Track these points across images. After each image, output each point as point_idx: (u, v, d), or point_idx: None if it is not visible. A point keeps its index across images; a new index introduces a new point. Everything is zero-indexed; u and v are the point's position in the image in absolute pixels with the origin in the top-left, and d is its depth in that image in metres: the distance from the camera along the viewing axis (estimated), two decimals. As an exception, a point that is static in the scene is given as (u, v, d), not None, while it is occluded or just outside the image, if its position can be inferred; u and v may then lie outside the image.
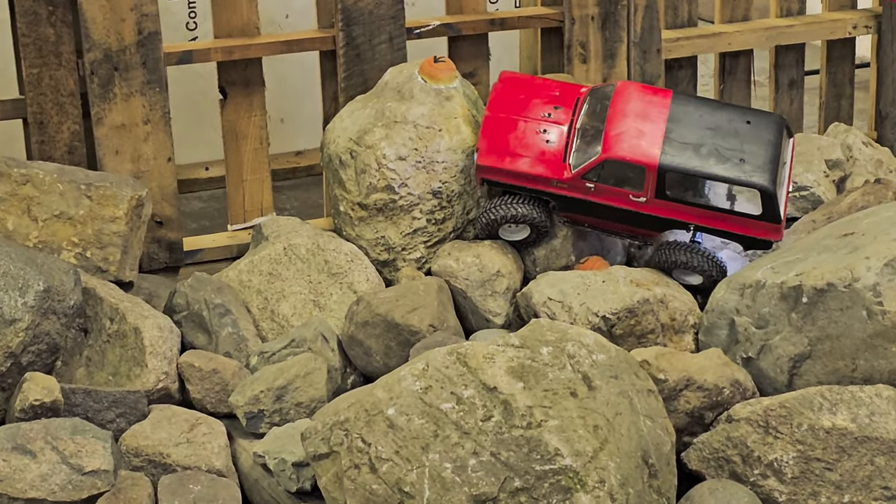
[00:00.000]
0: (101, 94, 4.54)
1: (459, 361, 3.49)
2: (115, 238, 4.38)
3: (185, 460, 3.79)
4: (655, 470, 3.50)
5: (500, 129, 4.40)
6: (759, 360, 4.02)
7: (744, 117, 4.42)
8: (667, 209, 4.29)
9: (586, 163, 4.27)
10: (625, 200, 4.30)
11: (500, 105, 4.45)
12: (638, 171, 4.24)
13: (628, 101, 4.39)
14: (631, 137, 4.26)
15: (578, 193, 4.32)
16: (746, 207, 4.30)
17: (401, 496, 3.36)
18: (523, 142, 4.37)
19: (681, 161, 4.24)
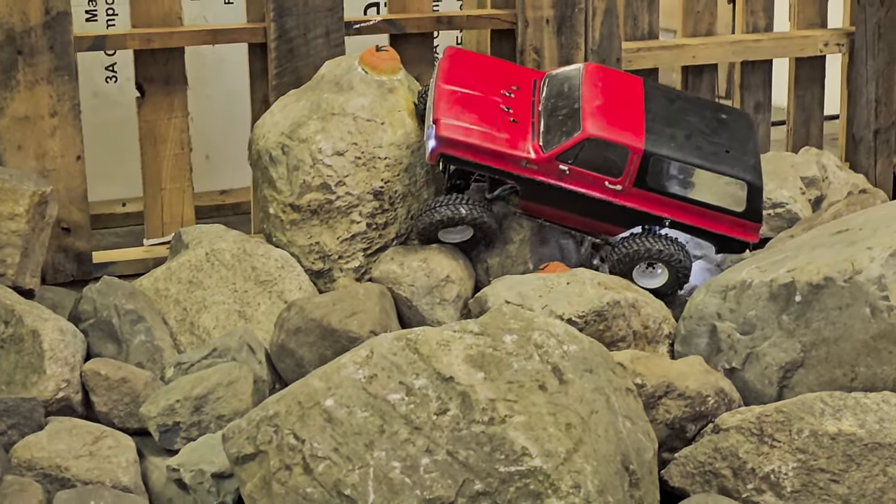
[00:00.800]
0: (2, 80, 4.04)
1: (409, 348, 2.99)
2: (13, 238, 3.85)
3: (87, 475, 3.26)
4: (637, 478, 3.00)
5: (460, 102, 3.90)
6: (745, 370, 3.56)
7: (716, 111, 4.08)
8: (643, 200, 3.86)
9: (564, 142, 3.82)
10: (599, 188, 3.84)
11: (455, 79, 3.97)
12: (620, 156, 3.81)
13: (600, 81, 3.98)
14: (613, 117, 3.85)
15: (549, 177, 3.85)
16: (729, 203, 3.88)
17: (340, 500, 2.83)
18: (487, 117, 3.89)
19: (666, 148, 3.83)
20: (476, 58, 4.16)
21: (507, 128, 3.87)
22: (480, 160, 3.84)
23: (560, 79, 4.04)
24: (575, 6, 4.70)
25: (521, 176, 3.85)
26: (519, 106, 3.96)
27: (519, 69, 4.19)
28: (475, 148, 3.83)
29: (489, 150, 3.83)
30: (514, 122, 3.90)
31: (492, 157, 3.84)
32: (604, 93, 3.93)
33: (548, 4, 4.67)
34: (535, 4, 4.65)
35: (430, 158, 3.86)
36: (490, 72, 4.06)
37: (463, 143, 3.83)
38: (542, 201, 3.90)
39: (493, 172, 3.86)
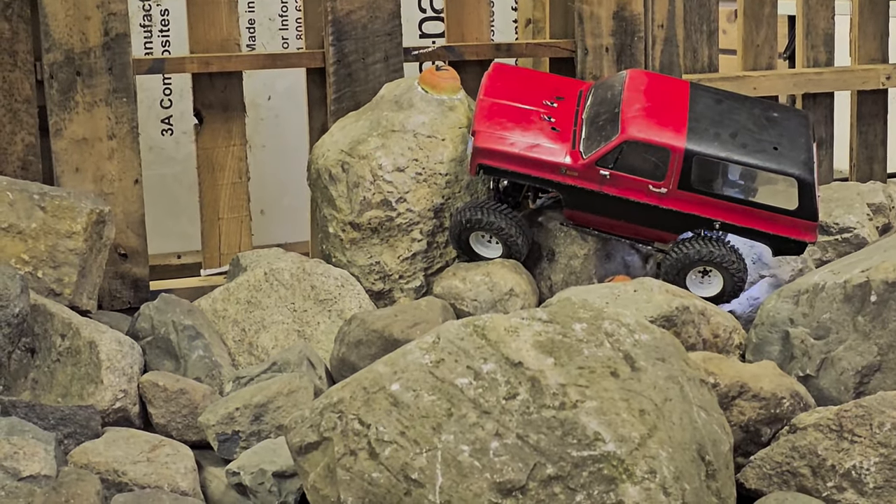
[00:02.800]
0: (60, 101, 4.02)
1: (477, 333, 2.90)
2: (71, 256, 3.80)
3: (144, 479, 3.17)
4: (714, 469, 2.89)
5: (500, 113, 3.85)
6: (819, 377, 3.45)
7: (769, 110, 3.95)
8: (690, 203, 3.75)
9: (603, 146, 3.73)
10: (643, 192, 3.75)
11: (497, 92, 3.93)
12: (661, 157, 3.71)
13: (644, 85, 3.90)
14: (653, 119, 3.75)
15: (590, 183, 3.76)
16: (780, 201, 3.77)
17: (407, 484, 2.73)
18: (527, 126, 3.83)
19: (710, 146, 3.73)
20: (521, 71, 4.10)
21: (547, 136, 3.81)
22: (519, 169, 3.78)
23: (605, 87, 3.98)
24: (634, 34, 4.65)
25: (561, 183, 3.77)
26: (562, 115, 3.89)
27: (566, 80, 4.13)
28: (512, 156, 3.77)
29: (527, 159, 3.77)
30: (555, 130, 3.83)
31: (530, 165, 3.77)
32: (646, 96, 3.84)
33: (607, 32, 4.63)
34: (595, 32, 4.61)
35: (471, 170, 3.82)
36: (535, 84, 4.00)
37: (500, 153, 3.77)
38: (587, 209, 3.81)
39: (533, 181, 3.80)
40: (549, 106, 3.91)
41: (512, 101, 3.90)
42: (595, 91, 3.99)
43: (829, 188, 4.71)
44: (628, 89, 3.87)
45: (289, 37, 5.47)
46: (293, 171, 5.20)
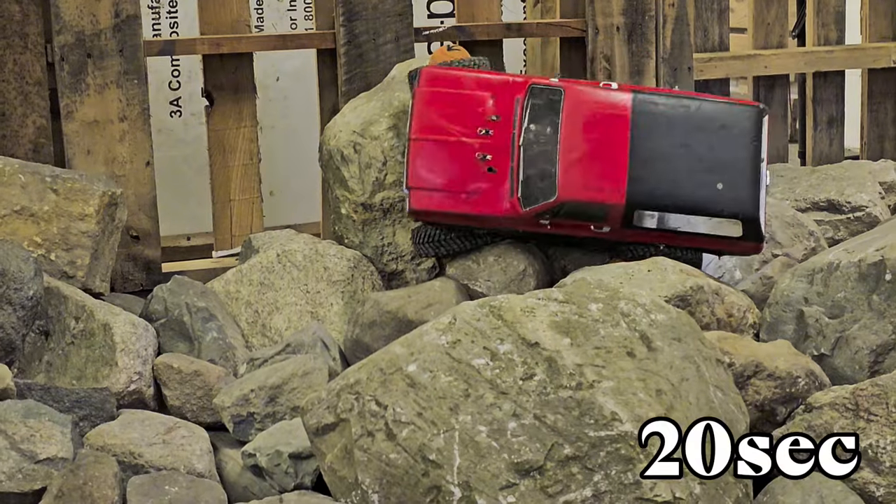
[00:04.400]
0: (71, 84, 4.01)
1: (493, 314, 2.90)
2: (83, 239, 3.80)
3: (160, 461, 3.17)
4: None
5: (433, 159, 3.70)
6: (834, 356, 3.44)
7: (716, 120, 3.72)
8: (633, 235, 3.69)
9: (539, 204, 3.62)
10: (586, 230, 3.69)
11: (429, 121, 3.74)
12: (601, 210, 3.63)
13: (581, 113, 3.67)
14: (591, 172, 3.61)
15: (531, 228, 3.69)
16: (725, 231, 3.70)
17: (425, 465, 2.73)
18: (462, 175, 3.68)
19: (651, 196, 3.62)
20: (454, 82, 3.80)
21: (484, 181, 3.67)
22: (459, 223, 3.73)
23: (543, 101, 3.71)
24: (645, 13, 4.64)
25: (501, 228, 3.73)
26: (497, 148, 3.69)
27: (499, 85, 3.78)
28: (450, 215, 3.71)
29: (466, 216, 3.70)
30: (491, 171, 3.68)
31: (470, 219, 3.72)
32: (584, 135, 3.64)
33: (618, 12, 4.61)
34: (606, 11, 4.60)
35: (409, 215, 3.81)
36: (468, 100, 3.76)
37: (436, 213, 3.71)
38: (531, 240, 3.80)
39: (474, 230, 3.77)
40: (485, 135, 3.71)
41: (444, 136, 3.72)
42: (532, 103, 3.71)
43: (841, 167, 4.71)
44: (566, 120, 3.65)
45: (297, 17, 5.45)
46: (302, 153, 5.18)
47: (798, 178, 4.60)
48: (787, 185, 4.56)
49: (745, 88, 5.58)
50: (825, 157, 5.18)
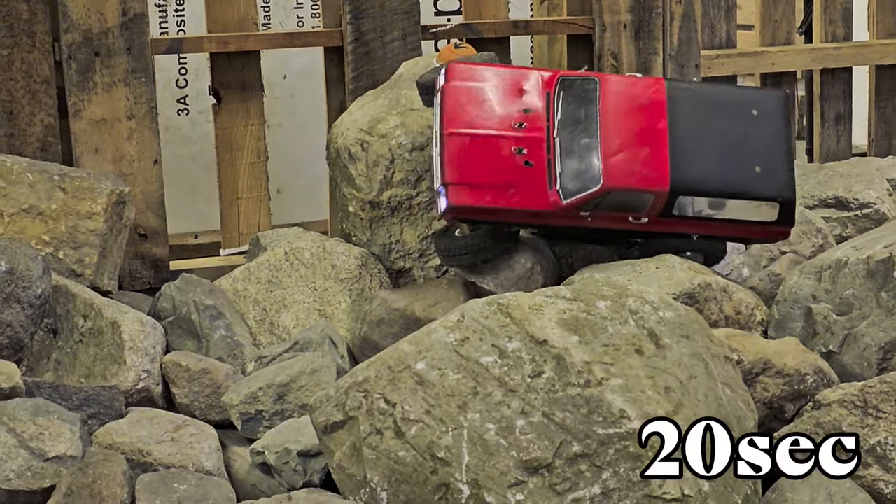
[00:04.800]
0: (79, 82, 4.02)
1: (501, 312, 2.90)
2: (91, 237, 3.80)
3: (169, 459, 3.17)
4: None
5: (470, 154, 3.59)
6: (842, 353, 3.44)
7: (747, 105, 3.73)
8: (670, 226, 3.65)
9: (583, 194, 3.56)
10: (624, 222, 3.63)
11: (462, 114, 3.64)
12: (644, 198, 3.58)
13: (618, 103, 3.64)
14: (634, 160, 3.57)
15: (570, 221, 3.62)
16: (760, 216, 3.67)
17: (434, 463, 2.73)
18: (499, 168, 3.58)
19: (693, 181, 3.58)
20: (480, 76, 3.74)
21: (521, 175, 3.59)
22: (496, 218, 3.61)
23: (576, 95, 3.69)
24: (652, 10, 4.64)
25: (540, 224, 3.66)
26: (532, 141, 3.64)
27: (529, 75, 3.76)
28: (490, 211, 3.58)
29: (505, 211, 3.58)
30: (528, 164, 3.61)
31: (509, 214, 3.60)
32: (624, 121, 3.61)
33: (625, 9, 4.61)
34: (613, 9, 4.60)
35: (445, 217, 3.64)
36: (499, 93, 3.71)
37: (476, 209, 3.57)
38: (565, 237, 3.74)
39: (512, 225, 3.66)
40: (518, 128, 3.64)
41: (478, 129, 3.63)
42: (564, 98, 3.69)
43: (848, 164, 4.70)
44: (604, 110, 3.63)
45: (304, 15, 5.45)
46: (309, 150, 5.18)
47: (806, 175, 4.60)
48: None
49: (751, 84, 5.57)
50: (833, 153, 5.18)
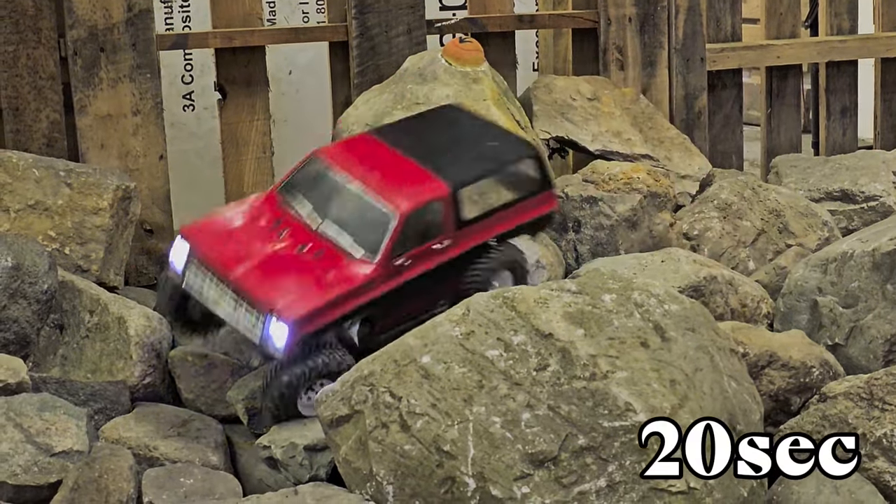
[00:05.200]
0: (84, 78, 4.02)
1: (507, 305, 2.90)
2: (98, 233, 3.81)
3: (176, 454, 3.18)
4: (744, 439, 2.88)
5: (268, 276, 3.27)
6: (848, 346, 3.44)
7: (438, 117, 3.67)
8: (470, 236, 3.43)
9: (387, 236, 3.29)
10: (432, 257, 3.38)
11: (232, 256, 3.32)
12: (435, 209, 3.35)
13: (351, 158, 3.46)
14: (405, 185, 3.37)
15: (395, 280, 3.33)
16: (527, 188, 3.52)
17: (439, 456, 2.74)
18: (302, 271, 3.29)
19: (460, 173, 3.42)
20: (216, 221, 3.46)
21: (323, 265, 3.30)
22: (335, 314, 3.24)
23: (306, 182, 3.45)
24: (658, 4, 4.64)
25: (373, 299, 3.31)
26: (304, 237, 3.37)
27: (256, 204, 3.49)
28: (328, 307, 3.21)
29: (340, 299, 3.25)
30: (319, 254, 3.32)
31: (342, 302, 3.25)
32: (367, 164, 3.43)
33: (630, 2, 4.61)
34: (618, 2, 4.60)
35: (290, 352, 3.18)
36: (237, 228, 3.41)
37: (316, 311, 3.20)
38: (396, 307, 3.38)
39: (352, 316, 3.30)
40: (285, 236, 3.36)
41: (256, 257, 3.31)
42: (294, 195, 3.44)
43: (854, 157, 4.70)
44: (344, 168, 3.41)
45: (309, 10, 5.45)
46: (315, 145, 5.15)
47: (811, 168, 4.60)
48: (801, 175, 4.55)
49: (757, 79, 5.58)
50: (839, 146, 5.17)
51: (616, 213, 3.91)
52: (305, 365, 3.20)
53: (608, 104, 4.47)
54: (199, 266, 3.31)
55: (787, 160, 4.70)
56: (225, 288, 3.26)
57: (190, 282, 3.33)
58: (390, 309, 3.36)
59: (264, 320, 3.17)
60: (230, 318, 3.25)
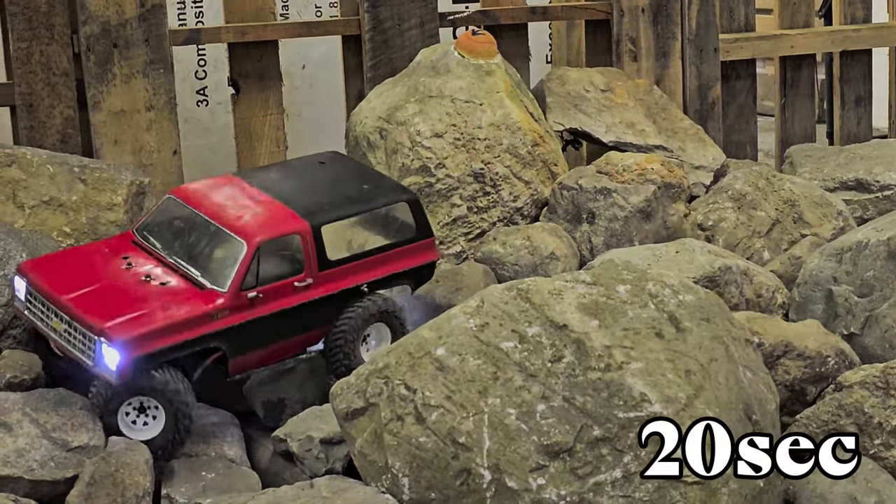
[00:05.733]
0: (98, 74, 4.03)
1: (521, 297, 2.90)
2: (112, 228, 3.81)
3: (191, 448, 3.19)
4: (760, 429, 2.88)
5: (103, 301, 3.18)
6: (864, 335, 3.43)
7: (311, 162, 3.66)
8: (337, 279, 3.37)
9: (236, 267, 3.24)
10: (293, 294, 3.32)
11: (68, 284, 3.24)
12: (294, 246, 3.31)
13: (207, 194, 3.44)
14: (260, 217, 3.33)
15: (245, 314, 3.25)
16: (403, 234, 3.48)
17: (455, 448, 2.74)
18: (141, 297, 3.20)
19: (323, 211, 3.38)
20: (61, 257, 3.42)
21: (166, 295, 3.22)
22: (173, 340, 3.13)
23: (160, 221, 3.44)
24: (671, -6, 4.63)
25: (220, 330, 3.21)
26: (152, 268, 3.32)
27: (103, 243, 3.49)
28: (163, 332, 3.12)
29: (177, 324, 3.14)
30: (165, 284, 3.25)
31: (183, 328, 3.15)
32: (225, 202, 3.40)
33: (643, -7, 4.61)
34: (631, -8, 4.60)
35: (122, 377, 3.07)
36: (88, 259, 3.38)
37: (149, 334, 3.10)
38: (250, 343, 3.29)
39: (192, 345, 3.18)
40: (131, 268, 3.31)
41: (96, 283, 3.25)
42: (152, 232, 3.42)
43: (869, 146, 4.69)
44: (199, 206, 3.38)
45: (322, 4, 5.46)
46: (328, 139, 5.17)
47: (826, 157, 4.59)
48: (816, 164, 4.54)
49: (771, 69, 5.56)
50: (853, 136, 5.16)
51: (630, 204, 3.90)
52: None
53: (622, 95, 4.47)
54: (36, 297, 3.24)
55: (801, 150, 4.69)
56: (59, 314, 3.18)
57: (32, 316, 3.26)
58: (245, 345, 3.26)
59: (95, 344, 3.08)
60: (66, 345, 3.16)
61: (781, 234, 4.01)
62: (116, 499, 2.85)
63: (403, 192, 3.55)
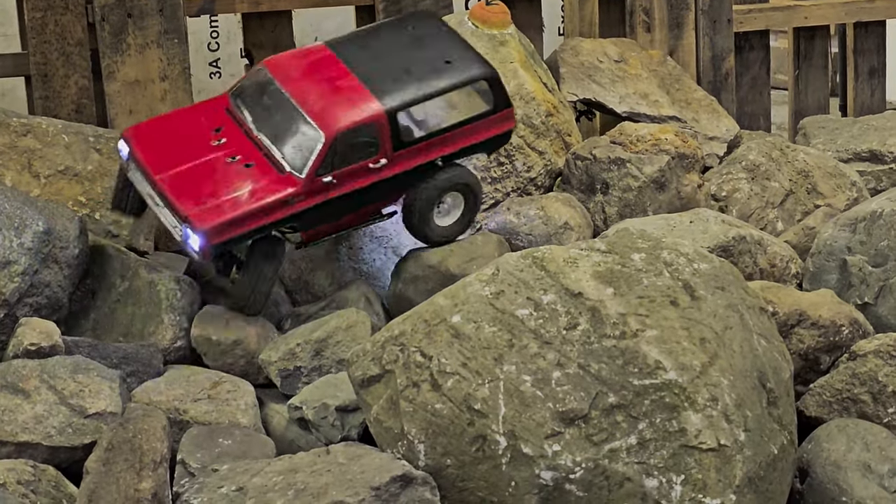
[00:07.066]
0: (112, 44, 4.03)
1: (536, 265, 2.91)
2: (127, 198, 3.82)
3: (205, 416, 3.20)
4: (775, 397, 2.89)
5: (193, 184, 3.42)
6: (878, 304, 3.44)
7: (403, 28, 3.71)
8: (409, 159, 3.50)
9: (314, 156, 3.40)
10: (367, 174, 3.46)
11: (163, 161, 3.48)
12: (370, 132, 3.43)
13: (296, 74, 3.55)
14: (340, 104, 3.45)
15: (320, 196, 3.43)
16: (479, 109, 3.57)
17: (470, 415, 2.75)
18: (226, 180, 3.42)
19: (401, 94, 3.47)
20: (160, 123, 3.64)
21: (249, 177, 3.42)
22: (251, 225, 3.37)
23: (253, 92, 3.57)
24: (684, -35, 4.63)
25: (294, 213, 3.41)
26: (239, 147, 3.50)
27: (202, 107, 3.66)
28: (241, 218, 3.36)
29: (255, 212, 3.36)
30: (249, 166, 3.45)
31: (261, 215, 3.38)
32: (310, 83, 3.52)
33: (656, -37, 4.60)
34: (644, -37, 4.59)
35: (205, 257, 3.39)
36: (183, 129, 3.57)
37: (228, 223, 3.34)
38: (322, 221, 3.51)
39: (269, 228, 3.41)
40: (220, 144, 3.50)
41: (188, 162, 3.46)
42: (242, 102, 3.57)
43: (883, 117, 4.69)
44: (285, 83, 3.52)
45: (335, -25, 5.45)
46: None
47: (840, 129, 4.58)
48: (829, 136, 4.54)
49: (784, 43, 5.55)
50: (867, 107, 5.15)
51: (644, 174, 3.91)
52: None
53: (635, 66, 4.46)
54: (136, 163, 3.49)
55: (815, 121, 4.68)
56: (153, 187, 3.44)
57: (132, 175, 3.52)
58: (317, 222, 3.49)
59: (182, 226, 3.37)
60: (159, 213, 3.45)
61: (795, 205, 4.02)
62: (134, 464, 2.87)
63: (484, 66, 3.60)
